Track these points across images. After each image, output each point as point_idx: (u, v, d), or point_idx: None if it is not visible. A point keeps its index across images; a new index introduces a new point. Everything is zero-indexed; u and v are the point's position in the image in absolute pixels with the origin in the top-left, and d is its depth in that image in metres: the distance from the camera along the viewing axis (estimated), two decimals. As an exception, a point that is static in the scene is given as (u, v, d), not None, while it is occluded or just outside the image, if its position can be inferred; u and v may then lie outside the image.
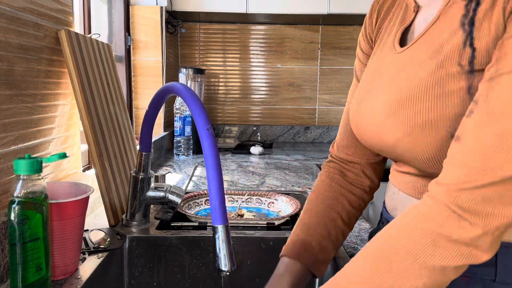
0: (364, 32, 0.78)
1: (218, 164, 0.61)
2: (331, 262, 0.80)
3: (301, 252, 0.70)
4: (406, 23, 0.67)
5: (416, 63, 0.59)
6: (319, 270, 0.71)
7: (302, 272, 0.70)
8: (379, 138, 0.63)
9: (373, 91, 0.67)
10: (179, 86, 0.74)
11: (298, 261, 0.70)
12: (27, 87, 0.87)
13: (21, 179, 0.64)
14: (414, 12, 0.66)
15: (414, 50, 0.61)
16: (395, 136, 0.59)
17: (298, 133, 2.74)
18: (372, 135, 0.65)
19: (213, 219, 0.62)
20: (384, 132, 0.61)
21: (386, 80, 0.64)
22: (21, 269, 0.64)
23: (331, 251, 0.73)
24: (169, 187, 1.03)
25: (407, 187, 0.66)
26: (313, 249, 0.71)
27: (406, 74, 0.60)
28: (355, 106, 0.71)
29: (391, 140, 0.60)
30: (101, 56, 1.18)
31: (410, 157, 0.59)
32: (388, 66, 0.66)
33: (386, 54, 0.68)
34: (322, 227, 0.73)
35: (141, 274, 0.98)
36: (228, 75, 2.70)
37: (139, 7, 2.09)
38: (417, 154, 0.57)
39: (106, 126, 1.09)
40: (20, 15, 0.84)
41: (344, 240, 0.76)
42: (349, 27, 2.66)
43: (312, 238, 0.72)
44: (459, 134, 0.50)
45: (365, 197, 0.78)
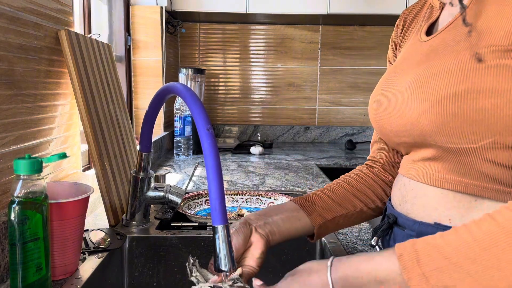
0: (390, 43, 0.84)
1: (218, 164, 0.61)
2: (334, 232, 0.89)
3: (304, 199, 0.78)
4: (432, 19, 0.70)
5: (450, 43, 0.60)
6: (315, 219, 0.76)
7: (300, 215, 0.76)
8: (401, 116, 0.64)
9: (397, 75, 0.68)
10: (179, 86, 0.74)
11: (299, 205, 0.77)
12: (27, 87, 0.87)
13: (21, 179, 0.64)
14: (439, 9, 0.69)
15: (440, 37, 0.64)
16: (421, 107, 0.59)
17: (298, 133, 2.74)
18: (393, 114, 0.66)
19: (213, 219, 0.61)
20: (408, 107, 0.62)
21: (413, 63, 0.66)
22: (21, 269, 0.64)
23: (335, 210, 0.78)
24: (169, 187, 1.03)
25: (420, 175, 0.67)
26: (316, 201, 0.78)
27: (436, 53, 0.61)
28: (376, 93, 0.73)
29: (415, 114, 0.60)
30: (101, 56, 1.18)
31: (432, 131, 0.59)
32: (415, 53, 0.68)
33: (411, 46, 0.72)
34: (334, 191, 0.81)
35: (141, 274, 0.98)
36: (228, 75, 2.70)
37: (139, 7, 2.09)
38: (441, 127, 0.57)
39: (106, 126, 1.09)
40: (20, 15, 0.84)
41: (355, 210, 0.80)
42: (349, 27, 2.66)
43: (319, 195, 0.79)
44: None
45: (386, 188, 0.84)
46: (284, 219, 0.74)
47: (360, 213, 0.81)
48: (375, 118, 0.73)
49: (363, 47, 2.67)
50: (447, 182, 0.62)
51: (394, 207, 0.73)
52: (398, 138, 0.68)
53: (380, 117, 0.71)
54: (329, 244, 0.95)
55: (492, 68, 0.53)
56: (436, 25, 0.70)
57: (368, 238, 1.01)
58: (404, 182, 0.71)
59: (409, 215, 0.68)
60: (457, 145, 0.57)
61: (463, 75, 0.55)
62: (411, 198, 0.68)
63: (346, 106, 2.72)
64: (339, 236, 1.01)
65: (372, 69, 2.69)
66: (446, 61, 0.58)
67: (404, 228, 0.69)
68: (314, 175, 1.73)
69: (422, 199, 0.66)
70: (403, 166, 0.73)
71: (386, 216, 0.75)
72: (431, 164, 0.64)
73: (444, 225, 0.62)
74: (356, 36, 2.67)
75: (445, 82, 0.56)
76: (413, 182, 0.68)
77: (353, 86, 2.71)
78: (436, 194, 0.64)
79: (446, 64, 0.58)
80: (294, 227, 0.75)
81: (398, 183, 0.74)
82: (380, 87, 0.73)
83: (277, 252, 1.00)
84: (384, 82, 0.73)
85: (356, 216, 0.81)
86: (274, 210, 0.76)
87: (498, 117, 0.53)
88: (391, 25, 2.60)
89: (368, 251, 0.92)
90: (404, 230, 0.69)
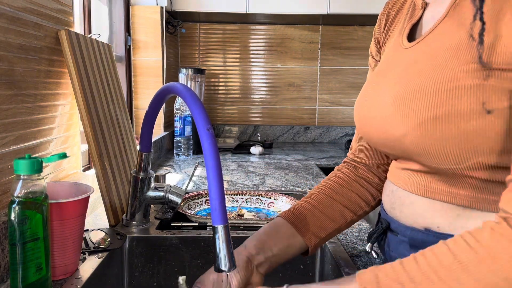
0: (374, 37, 0.81)
1: (218, 164, 0.61)
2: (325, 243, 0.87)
3: (297, 217, 0.75)
4: (414, 20, 0.68)
5: (428, 57, 0.59)
6: (310, 239, 0.75)
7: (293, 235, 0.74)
8: (384, 132, 0.63)
9: (381, 85, 0.67)
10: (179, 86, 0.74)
11: (292, 224, 0.75)
12: (27, 87, 0.87)
13: (21, 179, 0.64)
14: (421, 9, 0.67)
15: (425, 45, 0.62)
16: (402, 129, 0.58)
17: (298, 133, 2.74)
18: (376, 129, 0.65)
19: (213, 219, 0.61)
20: (390, 125, 0.61)
21: (395, 74, 0.64)
22: (21, 269, 0.64)
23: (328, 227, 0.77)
24: (169, 187, 1.03)
25: (407, 184, 0.66)
26: (308, 218, 0.75)
27: (417, 68, 0.60)
28: (361, 101, 0.71)
29: (397, 133, 0.60)
30: (101, 56, 1.18)
31: (416, 152, 0.58)
32: (397, 61, 0.66)
33: (394, 50, 0.69)
34: (324, 204, 0.78)
35: (141, 274, 0.98)
36: (228, 75, 2.70)
37: (139, 7, 2.09)
38: (424, 149, 0.56)
39: (106, 126, 1.09)
40: (20, 15, 0.84)
41: (345, 222, 0.79)
42: (349, 27, 2.66)
43: (310, 210, 0.77)
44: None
45: (372, 191, 0.81)
46: (282, 249, 0.73)
47: (350, 223, 0.80)
48: (359, 125, 0.72)
49: (363, 47, 2.67)
50: (435, 192, 0.61)
51: (386, 212, 0.73)
52: (384, 148, 0.68)
53: (364, 125, 0.70)
54: (329, 244, 0.95)
55: (471, 89, 0.52)
56: (419, 26, 0.68)
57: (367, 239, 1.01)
58: (392, 189, 0.70)
59: (400, 221, 0.68)
60: (441, 166, 0.56)
61: (442, 97, 0.54)
62: (399, 205, 0.68)
63: (346, 106, 2.72)
64: (339, 236, 1.01)
65: (372, 69, 2.69)
66: (424, 79, 0.57)
67: (397, 233, 0.69)
68: (314, 175, 1.73)
69: (409, 207, 0.66)
70: (391, 171, 0.72)
71: (380, 221, 0.75)
72: (418, 174, 0.64)
73: (434, 231, 0.62)
74: (356, 36, 2.67)
75: (425, 105, 0.55)
76: (400, 190, 0.67)
77: (353, 86, 2.71)
78: (423, 203, 0.63)
79: (424, 83, 0.56)
80: (291, 253, 0.75)
81: (387, 189, 0.73)
82: (364, 95, 0.71)
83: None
84: (368, 90, 0.71)
85: (346, 227, 0.80)
86: (272, 237, 0.73)
87: (481, 139, 0.52)
88: (391, 25, 2.60)
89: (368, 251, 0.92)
90: (397, 235, 0.69)
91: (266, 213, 1.24)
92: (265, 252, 0.71)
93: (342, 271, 0.82)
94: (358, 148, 0.83)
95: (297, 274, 1.00)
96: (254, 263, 0.70)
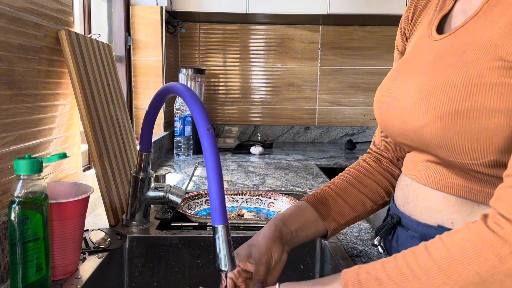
0: (400, 28, 0.80)
1: (218, 164, 0.61)
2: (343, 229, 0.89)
3: (319, 202, 0.79)
4: (444, 11, 0.68)
5: (456, 52, 0.59)
6: (330, 224, 0.78)
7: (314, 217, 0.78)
8: (404, 122, 0.63)
9: (406, 75, 0.67)
10: (179, 86, 0.74)
11: (314, 208, 0.78)
12: (27, 87, 0.87)
13: (21, 179, 0.64)
14: (453, 1, 0.67)
15: (455, 39, 0.62)
16: (423, 120, 0.58)
17: (298, 133, 2.74)
18: (397, 118, 0.65)
19: (213, 219, 0.61)
20: (411, 116, 0.61)
21: (421, 66, 0.64)
22: (21, 269, 0.64)
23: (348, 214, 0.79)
24: (169, 187, 1.03)
25: (423, 177, 0.66)
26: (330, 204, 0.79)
27: (445, 61, 0.60)
28: (382, 91, 0.72)
29: (417, 124, 0.60)
30: (101, 56, 1.18)
31: (433, 144, 0.59)
32: (424, 53, 0.66)
33: (421, 41, 0.69)
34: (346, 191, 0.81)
35: (141, 274, 0.99)
36: (228, 75, 2.70)
37: (139, 7, 2.09)
38: (443, 142, 0.57)
39: (106, 126, 1.09)
40: (20, 15, 0.84)
41: (365, 211, 0.81)
42: (349, 27, 2.66)
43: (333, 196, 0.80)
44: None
45: (394, 182, 0.83)
46: (304, 232, 0.77)
47: (370, 212, 0.82)
48: (379, 115, 0.73)
49: (363, 47, 2.67)
50: (451, 186, 0.61)
51: (397, 207, 0.73)
52: (401, 139, 0.68)
53: (384, 116, 0.70)
54: (329, 244, 0.95)
55: (496, 87, 0.52)
56: (449, 18, 0.67)
57: (368, 238, 1.01)
58: (407, 183, 0.70)
59: (413, 216, 0.68)
60: (458, 160, 0.57)
61: (467, 92, 0.54)
62: (414, 199, 0.68)
63: (346, 106, 2.72)
64: (339, 236, 1.01)
65: (372, 69, 2.69)
66: (451, 73, 0.57)
67: (407, 229, 0.69)
68: (314, 175, 1.73)
69: (424, 201, 0.66)
70: (406, 165, 0.72)
71: (390, 215, 0.75)
72: (434, 167, 0.64)
73: (447, 227, 0.62)
74: (356, 36, 2.67)
75: (448, 98, 0.55)
76: (415, 184, 0.68)
77: (353, 86, 2.71)
78: (438, 198, 0.63)
79: (451, 77, 0.57)
80: (311, 236, 0.79)
81: (401, 182, 0.73)
82: (387, 84, 0.72)
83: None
84: (391, 80, 0.72)
85: (365, 215, 0.82)
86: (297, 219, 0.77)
87: (501, 137, 0.52)
88: (391, 25, 2.60)
89: (368, 251, 0.93)
90: (408, 231, 0.69)
91: (266, 213, 1.24)
92: (291, 233, 0.76)
93: (342, 271, 0.82)
94: (380, 141, 0.85)
95: (297, 274, 1.00)
96: (283, 241, 0.74)
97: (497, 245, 0.45)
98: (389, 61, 2.67)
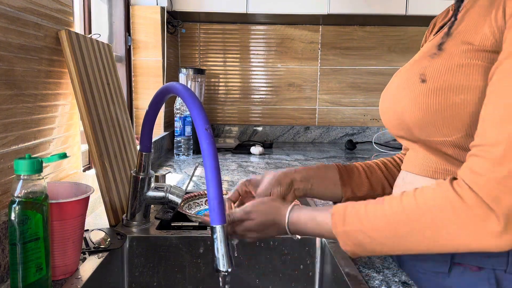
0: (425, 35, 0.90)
1: (216, 164, 0.62)
2: None
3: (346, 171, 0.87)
4: (446, 19, 0.76)
5: (435, 44, 0.67)
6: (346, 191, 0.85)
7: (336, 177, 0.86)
8: (393, 111, 0.71)
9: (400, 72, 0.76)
10: (178, 86, 0.74)
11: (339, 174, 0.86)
12: (27, 87, 0.88)
13: (21, 179, 0.64)
14: (451, 10, 0.75)
15: (438, 36, 0.70)
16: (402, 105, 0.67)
17: (298, 133, 2.74)
18: (388, 112, 0.73)
19: (212, 219, 0.62)
20: (395, 104, 0.70)
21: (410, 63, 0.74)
22: (22, 269, 0.65)
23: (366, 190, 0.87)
24: (169, 187, 1.03)
25: (415, 166, 0.71)
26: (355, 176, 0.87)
27: (424, 53, 0.69)
28: (382, 94, 0.80)
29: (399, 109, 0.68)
30: (101, 56, 1.18)
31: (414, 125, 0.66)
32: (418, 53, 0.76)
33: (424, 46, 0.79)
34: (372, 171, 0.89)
35: (141, 274, 0.99)
36: (228, 75, 2.70)
37: (139, 7, 2.09)
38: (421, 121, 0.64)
39: (106, 126, 1.09)
40: (21, 15, 0.85)
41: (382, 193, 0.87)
42: (349, 27, 2.66)
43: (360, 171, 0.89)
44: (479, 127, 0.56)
45: None
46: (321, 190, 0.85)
47: (385, 194, 0.85)
48: (381, 113, 0.80)
49: (363, 47, 2.67)
50: (437, 172, 0.67)
51: None
52: (395, 131, 0.75)
53: (382, 111, 0.78)
54: (329, 244, 0.95)
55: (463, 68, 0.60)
56: None
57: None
58: (403, 176, 0.76)
59: None
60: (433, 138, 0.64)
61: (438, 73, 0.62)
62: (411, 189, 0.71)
63: (346, 106, 2.72)
64: (339, 236, 1.01)
65: (372, 69, 2.69)
66: (425, 61, 0.66)
67: None
68: (314, 175, 1.73)
69: None
70: (404, 161, 0.78)
71: None
72: (423, 154, 0.70)
73: None
74: (356, 36, 2.67)
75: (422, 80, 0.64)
76: (410, 175, 0.73)
77: (353, 86, 2.71)
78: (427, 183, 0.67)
79: (425, 63, 0.65)
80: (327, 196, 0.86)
81: (398, 179, 0.79)
82: (385, 89, 0.80)
83: (277, 252, 1.00)
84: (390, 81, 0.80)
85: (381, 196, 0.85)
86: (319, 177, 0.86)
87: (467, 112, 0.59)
88: (391, 25, 2.60)
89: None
90: None
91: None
92: (306, 184, 0.85)
93: (342, 271, 0.82)
94: (404, 147, 0.91)
95: (297, 274, 1.00)
96: (294, 187, 0.84)
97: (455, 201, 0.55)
98: (389, 61, 2.68)
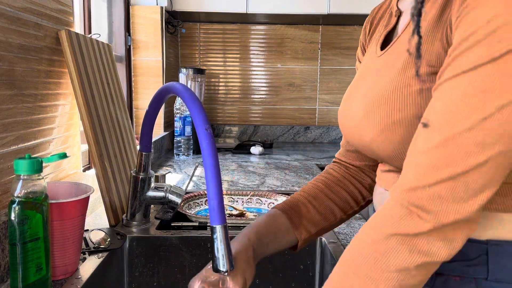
0: (360, 43, 0.83)
1: (216, 164, 0.61)
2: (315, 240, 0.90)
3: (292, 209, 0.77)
4: (389, 27, 0.70)
5: (389, 66, 0.62)
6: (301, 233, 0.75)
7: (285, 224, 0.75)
8: (359, 139, 0.66)
9: (355, 93, 0.70)
10: (178, 86, 0.74)
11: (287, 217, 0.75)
12: (27, 87, 0.88)
13: (21, 179, 0.64)
14: (395, 17, 0.68)
15: (389, 54, 0.65)
16: (369, 136, 0.62)
17: (298, 133, 2.74)
18: (353, 136, 0.68)
19: (211, 219, 0.62)
20: (361, 132, 0.64)
21: (366, 83, 0.67)
22: (22, 269, 0.65)
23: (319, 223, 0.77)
24: (169, 187, 1.03)
25: (390, 185, 0.67)
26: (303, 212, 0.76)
27: (380, 76, 0.63)
28: (341, 109, 0.74)
29: (367, 139, 0.63)
30: (101, 56, 1.18)
31: (383, 155, 0.62)
32: (370, 69, 0.69)
33: (369, 57, 0.72)
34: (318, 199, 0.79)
35: (141, 274, 0.99)
36: (228, 75, 2.70)
37: (139, 7, 2.09)
38: (389, 152, 0.60)
39: (106, 126, 1.09)
40: (21, 15, 0.85)
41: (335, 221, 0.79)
42: (349, 27, 2.66)
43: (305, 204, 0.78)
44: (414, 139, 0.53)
45: (363, 191, 0.81)
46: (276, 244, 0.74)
47: (339, 221, 0.81)
48: (342, 129, 0.74)
49: (363, 47, 2.67)
50: None
51: None
52: (363, 152, 0.70)
53: (344, 132, 0.73)
54: (329, 244, 0.95)
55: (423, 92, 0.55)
56: (395, 34, 0.69)
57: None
58: (380, 191, 0.72)
59: None
60: None
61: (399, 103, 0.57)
62: None
63: (346, 106, 2.71)
64: (339, 236, 1.01)
65: (372, 69, 2.69)
66: (384, 88, 0.60)
67: None
68: (314, 175, 1.73)
69: None
70: (378, 175, 0.74)
71: None
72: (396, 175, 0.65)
73: None
74: (356, 36, 2.66)
75: (385, 112, 0.59)
76: (387, 193, 0.69)
77: (353, 86, 2.70)
78: None
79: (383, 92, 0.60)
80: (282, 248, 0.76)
81: (376, 191, 0.75)
82: (343, 104, 0.74)
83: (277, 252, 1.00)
84: (348, 95, 0.74)
85: (334, 225, 0.81)
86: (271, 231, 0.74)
87: None
88: (391, 25, 2.60)
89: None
90: None
91: (266, 213, 1.24)
92: (263, 246, 0.72)
93: (342, 271, 0.82)
94: (346, 149, 0.84)
95: (297, 274, 1.00)
96: (254, 258, 0.70)
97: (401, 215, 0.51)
98: (389, 61, 2.67)
